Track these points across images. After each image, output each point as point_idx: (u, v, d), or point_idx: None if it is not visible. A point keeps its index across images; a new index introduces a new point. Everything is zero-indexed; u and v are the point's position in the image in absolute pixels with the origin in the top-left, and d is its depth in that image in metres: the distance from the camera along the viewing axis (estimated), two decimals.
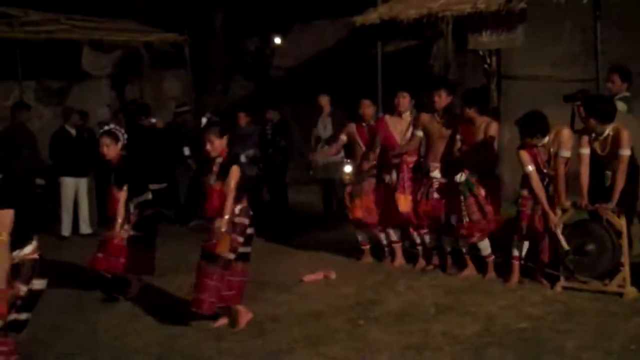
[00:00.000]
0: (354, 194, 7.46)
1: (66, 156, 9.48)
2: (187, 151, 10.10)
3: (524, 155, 6.27)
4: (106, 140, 6.41)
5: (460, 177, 6.63)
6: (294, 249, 8.35)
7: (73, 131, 9.67)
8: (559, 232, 6.18)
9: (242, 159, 9.55)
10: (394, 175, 7.22)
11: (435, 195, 6.90)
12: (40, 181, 9.74)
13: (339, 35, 13.57)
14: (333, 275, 6.99)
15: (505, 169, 7.85)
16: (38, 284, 4.33)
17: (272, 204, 10.23)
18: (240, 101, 11.29)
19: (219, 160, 5.56)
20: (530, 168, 6.23)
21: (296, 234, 9.08)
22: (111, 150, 6.40)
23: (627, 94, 6.80)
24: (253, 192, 10.17)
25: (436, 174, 6.92)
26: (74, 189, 9.59)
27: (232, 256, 5.49)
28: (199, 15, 15.85)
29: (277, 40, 17.08)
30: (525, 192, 6.39)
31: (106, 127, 6.64)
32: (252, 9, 17.63)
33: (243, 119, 10.28)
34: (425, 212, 6.96)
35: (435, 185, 6.91)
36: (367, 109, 7.56)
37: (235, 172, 5.46)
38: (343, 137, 7.77)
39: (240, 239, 5.53)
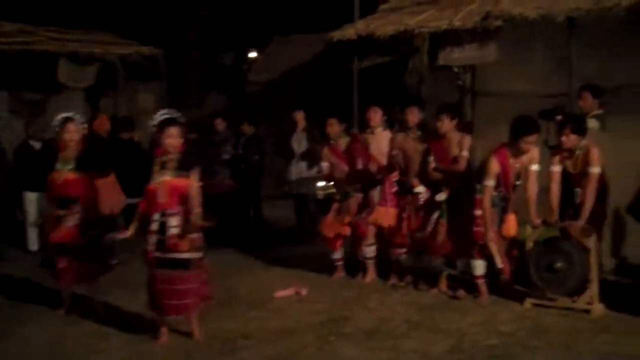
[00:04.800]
0: (339, 211, 7.44)
1: (29, 171, 9.28)
2: None
3: (494, 164, 6.27)
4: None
5: (441, 197, 6.65)
6: (267, 265, 8.30)
7: (37, 145, 9.49)
8: (493, 248, 6.19)
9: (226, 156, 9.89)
10: (377, 190, 7.25)
11: (419, 211, 6.90)
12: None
13: (315, 50, 13.58)
14: (305, 291, 6.95)
15: None
16: None
17: (245, 219, 10.18)
18: (216, 115, 11.24)
19: (176, 156, 5.46)
20: (491, 183, 6.25)
21: (269, 249, 9.02)
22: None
23: (600, 111, 6.86)
24: (228, 205, 10.26)
25: (420, 189, 6.91)
26: (38, 204, 9.39)
27: (198, 255, 5.42)
28: (175, 28, 15.82)
29: (253, 55, 17.09)
30: (479, 212, 6.39)
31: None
32: (228, 24, 17.68)
33: (220, 124, 10.42)
34: (410, 229, 6.95)
35: (421, 201, 6.91)
36: (332, 127, 7.55)
37: (198, 173, 5.41)
38: (325, 166, 7.70)
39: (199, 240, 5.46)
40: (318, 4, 15.87)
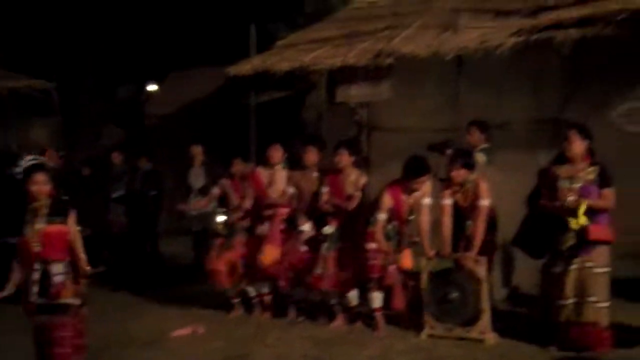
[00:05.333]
0: (224, 247, 7.42)
1: None
2: None
3: (386, 199, 6.40)
4: None
5: (328, 230, 6.71)
6: (164, 303, 8.12)
7: None
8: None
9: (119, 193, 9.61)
10: (266, 226, 7.24)
11: (303, 248, 6.94)
12: None
13: (214, 84, 13.54)
14: (202, 330, 6.83)
15: None
16: None
17: (141, 256, 9.95)
18: (112, 149, 11.01)
19: (46, 202, 5.23)
20: (382, 216, 6.37)
21: (166, 287, 8.84)
22: None
23: (487, 145, 7.12)
24: (123, 242, 10.00)
25: (305, 227, 6.97)
26: None
27: (77, 302, 5.24)
28: (70, 61, 15.45)
29: (152, 88, 16.88)
30: (373, 245, 6.49)
31: None
32: (127, 56, 17.43)
33: (117, 158, 10.23)
34: (291, 265, 6.97)
35: (304, 238, 6.95)
36: (237, 166, 7.61)
37: (74, 216, 5.23)
38: (216, 191, 7.79)
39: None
40: (216, 39, 15.88)
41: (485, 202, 6.36)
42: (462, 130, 7.27)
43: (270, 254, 7.08)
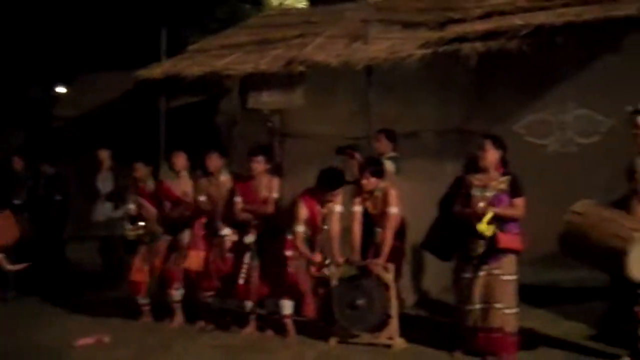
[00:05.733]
0: (145, 255, 7.32)
1: None
2: None
3: (302, 210, 6.43)
4: None
5: (249, 239, 6.69)
6: (69, 311, 7.91)
7: None
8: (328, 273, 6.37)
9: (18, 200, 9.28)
10: (187, 234, 7.19)
11: (226, 254, 6.91)
12: None
13: (124, 88, 13.26)
14: (107, 338, 6.68)
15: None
16: None
17: (46, 262, 9.63)
18: (17, 152, 10.62)
19: None
20: (301, 228, 6.41)
21: (72, 294, 8.60)
22: None
23: (394, 154, 7.25)
24: (27, 250, 9.65)
25: (226, 231, 6.92)
26: None
27: None
28: None
29: (60, 90, 16.39)
30: (289, 253, 6.54)
31: None
32: (35, 57, 16.88)
33: (18, 163, 9.81)
34: (219, 272, 6.91)
35: (228, 244, 6.91)
36: (138, 171, 7.50)
37: None
38: (132, 209, 7.59)
39: None
40: (127, 42, 15.58)
41: (394, 210, 6.46)
42: (372, 138, 7.39)
43: (194, 260, 7.03)
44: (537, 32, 6.23)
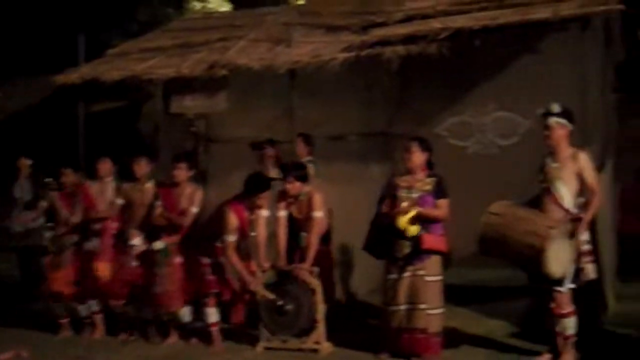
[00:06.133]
0: (54, 265, 7.12)
1: None
2: None
3: (232, 219, 6.34)
4: None
5: (159, 245, 6.58)
6: None
7: None
8: (261, 291, 6.30)
9: None
10: (96, 242, 7.03)
11: (134, 263, 6.78)
12: None
13: (41, 94, 12.92)
14: (26, 353, 6.46)
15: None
16: None
17: None
18: None
19: None
20: (232, 238, 6.33)
21: None
22: None
23: (311, 157, 7.28)
24: None
25: (136, 241, 6.80)
26: None
27: None
28: None
29: None
30: (223, 260, 6.46)
31: None
32: None
33: None
34: (125, 281, 6.79)
35: (135, 252, 6.78)
36: (67, 177, 7.33)
37: None
38: (43, 204, 7.52)
39: None
40: (44, 47, 15.12)
41: (319, 214, 6.47)
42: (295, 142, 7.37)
43: (103, 270, 6.88)
44: (456, 35, 6.31)
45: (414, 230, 5.78)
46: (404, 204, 5.85)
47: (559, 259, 5.31)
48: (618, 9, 6.07)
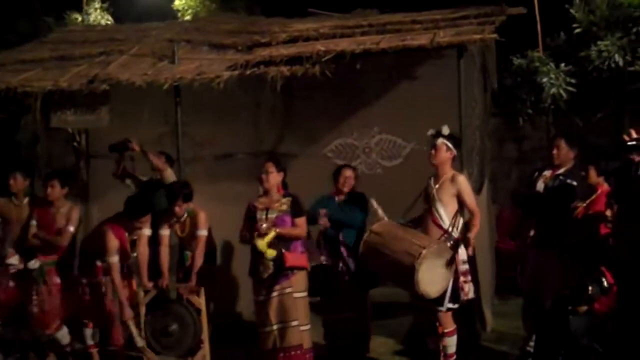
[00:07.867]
0: None
1: None
2: None
3: (113, 241, 6.19)
4: None
5: (34, 264, 6.36)
6: None
7: None
8: (133, 328, 6.19)
9: None
10: None
11: (11, 283, 6.55)
12: None
13: None
14: None
15: None
16: None
17: None
18: None
19: None
20: (115, 259, 6.19)
21: None
22: None
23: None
24: None
25: (12, 260, 6.55)
26: None
27: None
28: None
29: None
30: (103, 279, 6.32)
31: None
32: None
33: None
34: (1, 302, 6.52)
35: (12, 271, 6.54)
36: None
37: None
38: None
39: None
40: None
41: (203, 232, 6.45)
42: (182, 159, 7.27)
43: None
44: (338, 57, 6.46)
45: (271, 252, 5.87)
46: (263, 226, 5.90)
47: (430, 278, 5.43)
48: (492, 37, 6.38)
